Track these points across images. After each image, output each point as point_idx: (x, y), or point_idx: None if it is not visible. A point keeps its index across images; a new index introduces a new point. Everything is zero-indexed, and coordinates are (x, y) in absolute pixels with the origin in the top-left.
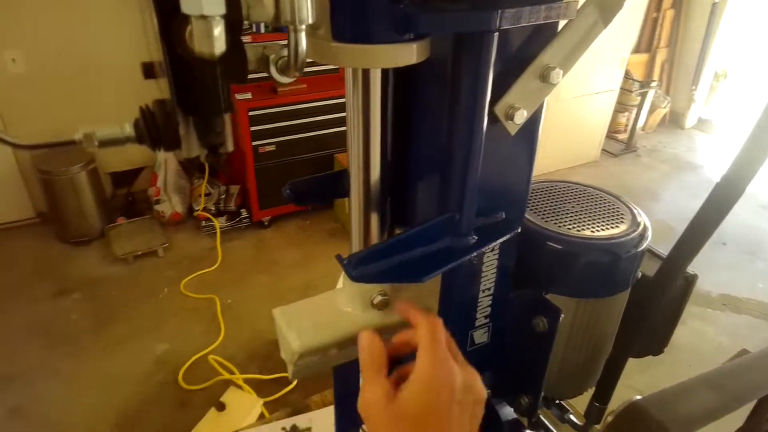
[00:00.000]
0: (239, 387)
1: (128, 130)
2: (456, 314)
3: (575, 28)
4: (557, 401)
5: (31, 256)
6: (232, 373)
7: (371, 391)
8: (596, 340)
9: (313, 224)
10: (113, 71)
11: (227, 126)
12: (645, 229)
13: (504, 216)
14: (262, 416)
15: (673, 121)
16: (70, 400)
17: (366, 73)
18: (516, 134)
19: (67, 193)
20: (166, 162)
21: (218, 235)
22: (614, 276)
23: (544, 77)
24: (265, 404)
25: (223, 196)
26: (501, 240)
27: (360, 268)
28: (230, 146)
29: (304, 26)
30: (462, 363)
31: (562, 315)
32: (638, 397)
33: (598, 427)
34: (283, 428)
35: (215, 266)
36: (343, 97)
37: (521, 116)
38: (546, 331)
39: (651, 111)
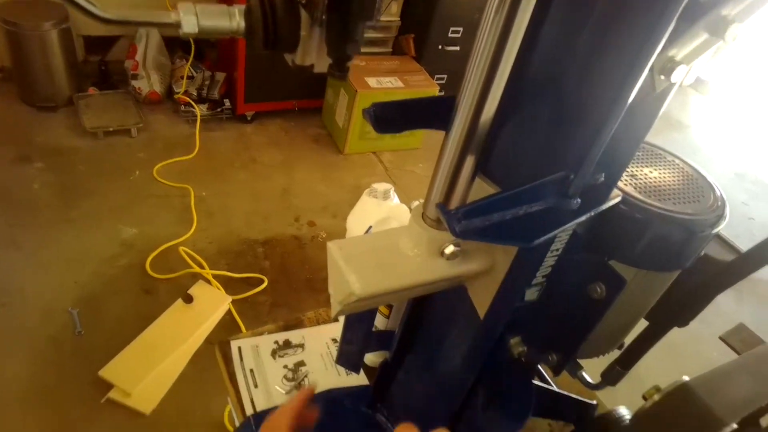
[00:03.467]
0: (208, 282)
1: (238, 18)
2: (519, 272)
3: None
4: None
5: None
6: (201, 267)
7: None
8: (637, 310)
9: (298, 126)
10: None
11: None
12: (723, 209)
13: (603, 179)
14: (229, 313)
15: None
16: (31, 272)
17: None
18: (657, 92)
19: (35, 51)
20: (148, 35)
21: (198, 122)
22: (683, 252)
23: (717, 31)
24: (234, 303)
25: (207, 82)
26: (605, 207)
27: (465, 223)
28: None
29: None
30: None
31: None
32: (686, 378)
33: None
34: (276, 342)
35: (192, 155)
36: None
37: (680, 73)
38: (602, 298)
39: None
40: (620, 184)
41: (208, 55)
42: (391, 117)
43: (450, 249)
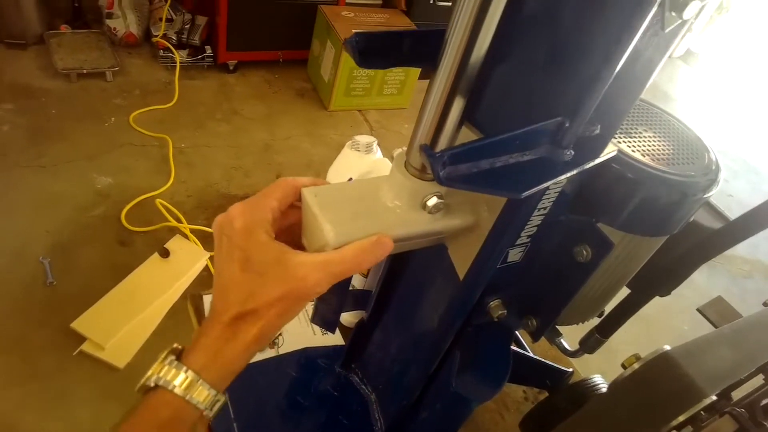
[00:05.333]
0: (185, 236)
1: None
2: (504, 231)
3: None
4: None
5: None
6: (179, 221)
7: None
8: (620, 276)
9: (282, 79)
10: None
11: None
12: (717, 173)
13: (598, 131)
14: (207, 269)
15: None
16: (0, 216)
17: None
18: (665, 32)
19: None
20: None
21: (177, 69)
22: (673, 217)
23: None
24: (211, 258)
25: (187, 26)
26: (599, 161)
27: (450, 168)
28: None
29: None
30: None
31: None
32: (668, 347)
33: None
34: None
35: (170, 104)
36: None
37: (693, 8)
38: (588, 262)
39: None
40: (613, 140)
41: None
42: (376, 50)
43: (433, 201)
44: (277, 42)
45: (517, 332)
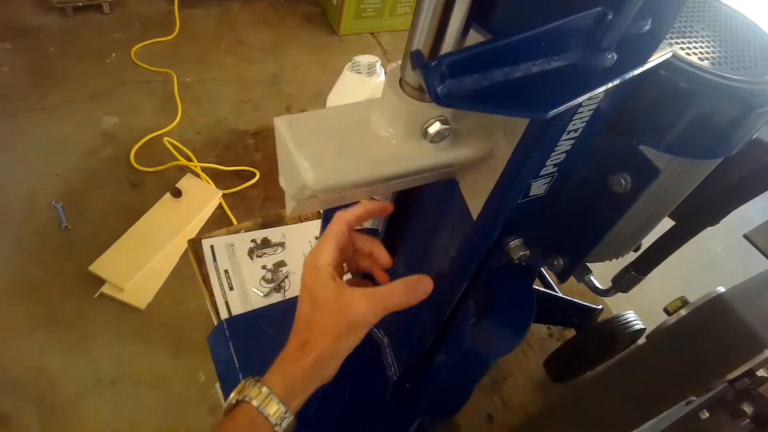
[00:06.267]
0: (196, 175)
1: None
2: (525, 161)
3: None
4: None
5: None
6: (188, 159)
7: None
8: (663, 206)
9: (288, 4)
10: None
11: None
12: None
13: (648, 27)
14: (220, 208)
15: None
16: (7, 164)
17: None
18: None
19: None
20: None
21: None
22: (733, 134)
23: None
24: (225, 197)
25: None
26: (651, 64)
27: (451, 82)
28: None
29: None
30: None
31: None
32: (721, 289)
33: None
34: (253, 240)
35: (172, 36)
36: None
37: None
38: (626, 192)
39: None
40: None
41: None
42: None
43: (436, 127)
44: None
45: (541, 268)
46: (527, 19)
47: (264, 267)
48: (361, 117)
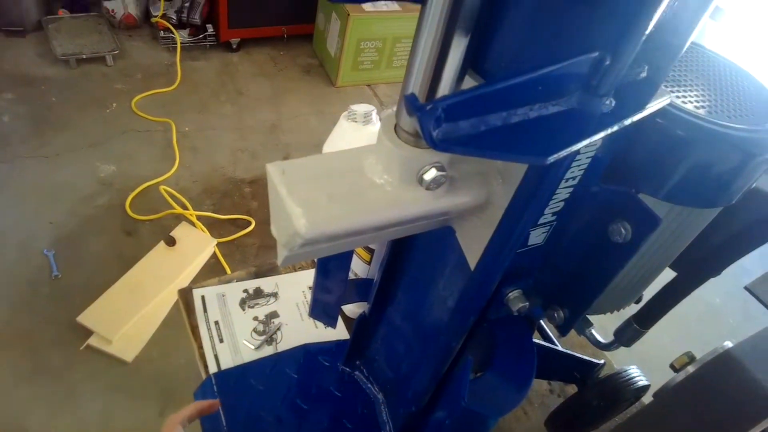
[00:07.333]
0: (191, 223)
1: None
2: (523, 209)
3: None
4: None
5: None
6: (184, 207)
7: None
8: (664, 257)
9: (287, 56)
10: None
11: None
12: None
13: (646, 73)
14: (215, 256)
15: None
16: (2, 209)
17: None
18: None
19: None
20: None
21: (179, 50)
22: (733, 182)
23: None
24: (219, 245)
25: (186, 4)
26: (650, 111)
27: (446, 126)
28: None
29: None
30: None
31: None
32: (729, 344)
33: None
34: (246, 290)
35: (173, 87)
36: None
37: None
38: (627, 242)
39: None
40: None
41: None
42: None
43: (431, 173)
44: (280, 17)
45: (541, 320)
46: (524, 64)
47: (256, 318)
48: (356, 163)
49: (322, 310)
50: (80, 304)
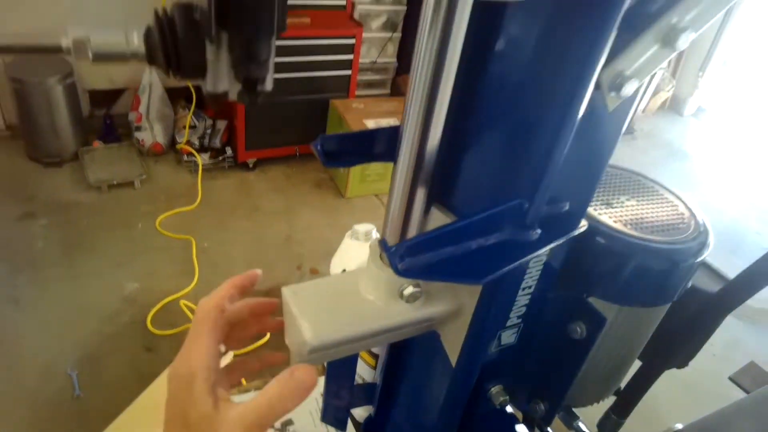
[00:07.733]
0: None
1: (136, 42)
2: (490, 313)
3: None
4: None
5: None
6: None
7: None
8: (627, 350)
9: (299, 172)
10: None
11: (272, 55)
12: (707, 236)
13: (568, 207)
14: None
15: (673, 107)
16: (28, 331)
17: (453, 4)
18: (611, 110)
19: (41, 107)
20: (152, 86)
21: (200, 172)
22: (667, 285)
23: (668, 41)
24: (236, 356)
25: (208, 131)
26: (567, 237)
27: (408, 260)
28: (270, 84)
29: None
30: None
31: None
32: (679, 426)
33: None
34: None
35: (194, 205)
36: (346, 37)
37: (631, 87)
38: (583, 339)
39: (654, 93)
40: (594, 213)
41: (209, 104)
42: (337, 150)
43: (409, 290)
44: (293, 138)
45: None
46: (474, 202)
47: (272, 426)
48: (352, 284)
49: (334, 414)
50: (101, 423)
